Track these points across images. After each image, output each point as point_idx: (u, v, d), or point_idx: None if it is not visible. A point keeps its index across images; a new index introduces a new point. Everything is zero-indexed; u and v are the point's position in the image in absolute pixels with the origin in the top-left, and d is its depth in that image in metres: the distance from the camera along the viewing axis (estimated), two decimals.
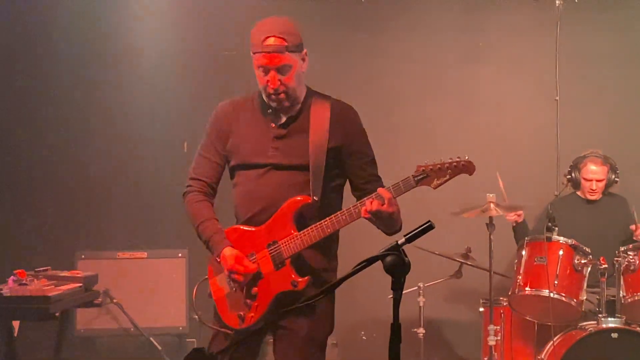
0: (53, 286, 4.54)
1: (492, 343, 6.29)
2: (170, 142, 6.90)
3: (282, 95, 3.87)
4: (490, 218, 6.23)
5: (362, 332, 7.29)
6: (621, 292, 5.92)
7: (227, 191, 4.09)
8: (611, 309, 5.96)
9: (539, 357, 6.14)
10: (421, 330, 6.58)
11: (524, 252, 6.14)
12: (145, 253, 6.34)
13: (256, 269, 3.86)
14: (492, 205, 6.17)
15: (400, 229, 3.88)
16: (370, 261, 2.96)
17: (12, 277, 4.49)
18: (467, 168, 3.77)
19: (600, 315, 5.90)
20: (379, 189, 3.71)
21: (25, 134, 7.14)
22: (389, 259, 2.98)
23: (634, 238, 6.31)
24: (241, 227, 3.99)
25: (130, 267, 6.35)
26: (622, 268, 5.92)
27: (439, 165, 3.71)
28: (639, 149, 6.52)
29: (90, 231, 7.02)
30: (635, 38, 7.16)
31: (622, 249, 5.99)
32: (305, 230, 3.81)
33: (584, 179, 6.56)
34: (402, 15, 7.55)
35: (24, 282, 4.48)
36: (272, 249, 3.85)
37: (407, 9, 7.53)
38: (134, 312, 6.15)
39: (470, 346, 7.21)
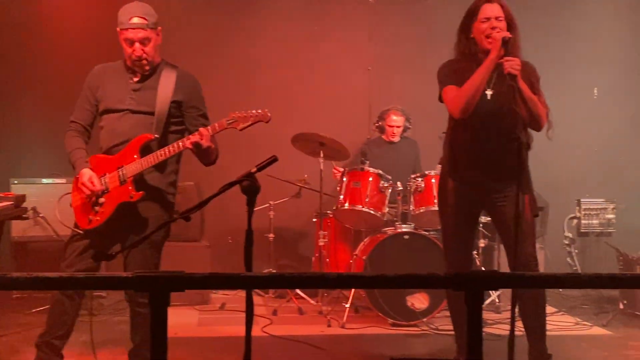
0: None
1: (321, 244, 6.45)
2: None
3: (144, 62, 3.98)
4: (322, 152, 6.38)
5: (229, 237, 7.34)
6: (411, 206, 6.13)
7: None
8: (404, 218, 6.21)
9: (354, 253, 6.31)
10: (271, 235, 6.75)
11: (344, 179, 6.25)
12: (65, 179, 6.27)
13: (100, 189, 3.95)
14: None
15: (214, 162, 4.08)
16: (231, 185, 3.06)
17: None
18: (264, 117, 3.86)
19: (397, 223, 6.14)
20: (200, 128, 3.87)
21: None
22: (244, 183, 3.06)
23: None
24: (101, 155, 4.06)
25: (52, 190, 6.25)
26: (412, 190, 6.12)
27: (244, 114, 3.84)
28: (425, 105, 6.69)
29: (21, 161, 6.88)
30: (429, 25, 7.35)
31: (412, 176, 6.19)
32: (144, 157, 3.92)
33: (388, 125, 6.73)
34: (264, 6, 7.57)
35: None
36: (119, 170, 3.93)
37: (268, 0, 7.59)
38: (56, 224, 6.09)
39: (306, 246, 7.45)
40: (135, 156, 3.91)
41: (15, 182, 6.32)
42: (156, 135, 3.95)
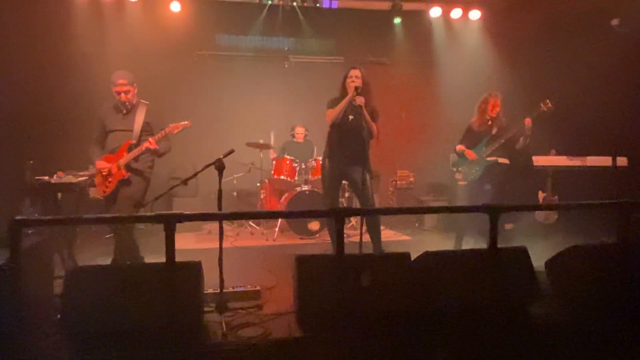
0: (75, 178, 4.24)
1: (262, 197, 6.41)
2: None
3: (127, 104, 3.86)
4: (261, 148, 6.31)
5: (212, 194, 7.09)
6: (309, 176, 6.10)
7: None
8: (306, 182, 6.14)
9: (280, 201, 6.23)
10: (235, 193, 6.61)
11: (274, 162, 6.16)
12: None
13: (108, 168, 3.84)
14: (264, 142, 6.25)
15: (162, 155, 3.92)
16: (207, 166, 3.02)
17: (55, 174, 4.16)
18: (187, 125, 3.76)
19: (302, 185, 6.09)
20: (149, 138, 3.78)
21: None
22: (216, 164, 3.04)
23: None
24: (108, 155, 3.92)
25: None
26: (309, 167, 6.10)
27: (176, 124, 3.76)
28: (317, 123, 6.52)
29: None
30: (316, 82, 7.03)
31: (309, 160, 6.15)
32: (129, 153, 3.83)
33: (296, 133, 6.55)
34: (226, 71, 7.17)
35: (61, 176, 4.16)
36: (116, 162, 3.85)
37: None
38: None
39: (254, 198, 7.14)
40: (124, 154, 3.85)
41: (90, 167, 5.96)
42: (134, 142, 3.86)
